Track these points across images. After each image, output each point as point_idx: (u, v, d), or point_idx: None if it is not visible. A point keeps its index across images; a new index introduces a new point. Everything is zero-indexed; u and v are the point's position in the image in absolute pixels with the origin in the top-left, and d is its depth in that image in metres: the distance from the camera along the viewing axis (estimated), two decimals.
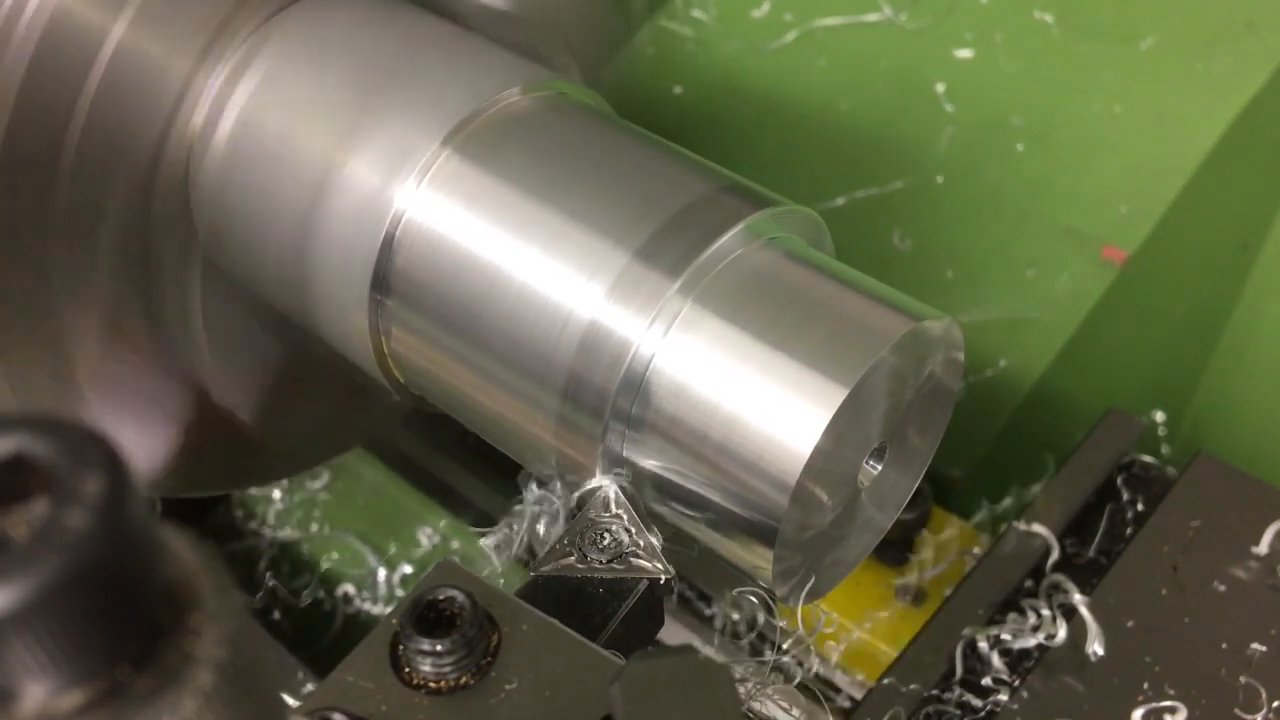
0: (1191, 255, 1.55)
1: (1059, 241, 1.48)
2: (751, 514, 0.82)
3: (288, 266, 0.99)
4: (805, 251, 0.89)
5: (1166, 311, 1.55)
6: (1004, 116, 1.56)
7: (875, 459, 0.88)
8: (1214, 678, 0.93)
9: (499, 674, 0.74)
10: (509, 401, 0.91)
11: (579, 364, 0.86)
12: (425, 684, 0.74)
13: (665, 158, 0.95)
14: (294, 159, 0.96)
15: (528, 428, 0.91)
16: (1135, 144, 1.51)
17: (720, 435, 0.82)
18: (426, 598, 0.75)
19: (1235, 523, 1.01)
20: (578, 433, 0.87)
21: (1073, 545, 1.04)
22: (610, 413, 0.85)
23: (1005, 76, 1.58)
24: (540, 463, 0.93)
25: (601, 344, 0.85)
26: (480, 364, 0.91)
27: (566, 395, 0.87)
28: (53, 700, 0.42)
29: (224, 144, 0.98)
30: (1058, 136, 1.54)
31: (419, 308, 0.93)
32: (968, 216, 1.51)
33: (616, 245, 0.86)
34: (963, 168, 1.55)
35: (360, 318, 0.96)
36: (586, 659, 0.76)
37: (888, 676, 0.91)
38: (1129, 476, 1.08)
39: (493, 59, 1.00)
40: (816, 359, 0.80)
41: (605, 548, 0.84)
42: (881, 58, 1.63)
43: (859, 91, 1.62)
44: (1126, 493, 1.07)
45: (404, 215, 0.92)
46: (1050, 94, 1.56)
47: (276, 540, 1.42)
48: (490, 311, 0.89)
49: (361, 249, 0.93)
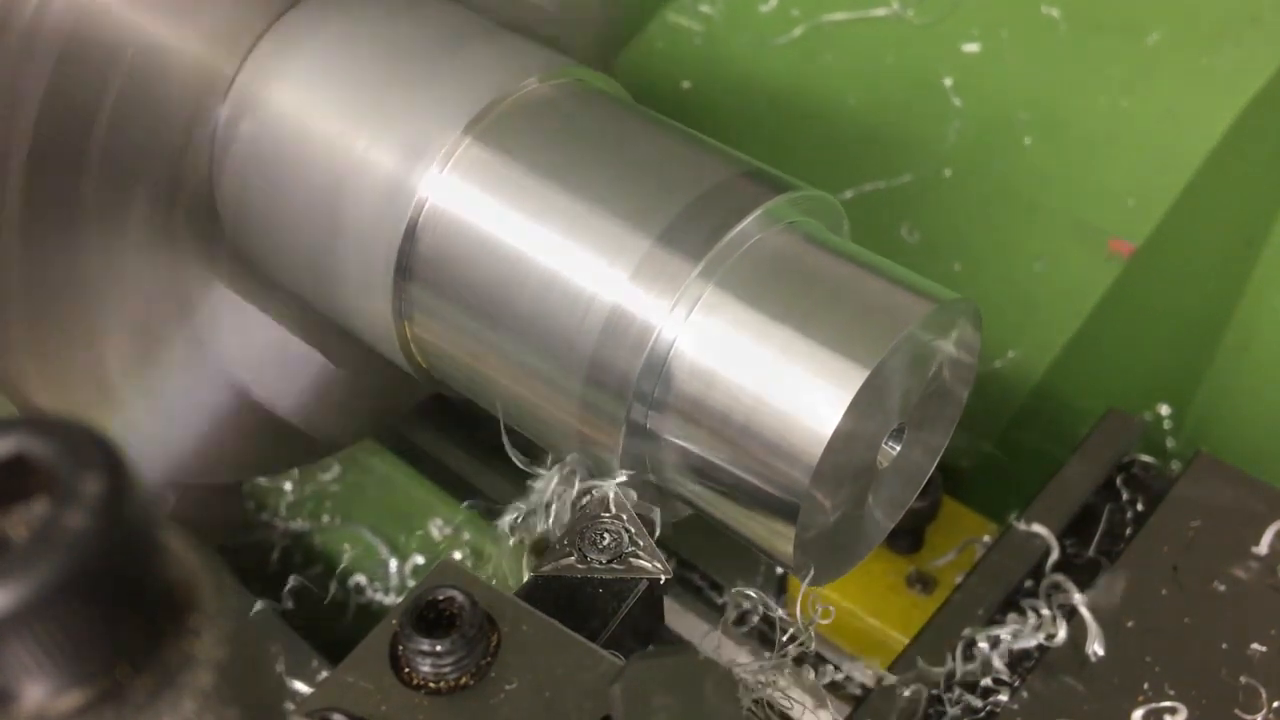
0: (1197, 249, 1.54)
1: (1066, 234, 1.47)
2: (773, 493, 0.83)
3: (312, 255, 0.99)
4: (824, 235, 0.90)
5: (1172, 305, 1.54)
6: (1011, 110, 1.55)
7: (894, 439, 0.88)
8: (1214, 678, 0.92)
9: (499, 674, 0.74)
10: (532, 385, 0.91)
11: (602, 348, 0.86)
12: (425, 684, 0.74)
13: (684, 144, 0.95)
14: (318, 148, 0.96)
15: (550, 411, 0.92)
16: (1142, 138, 1.50)
17: (742, 416, 0.82)
18: (426, 598, 0.75)
19: (1235, 523, 1.00)
20: (600, 415, 0.88)
21: (1073, 545, 1.03)
22: (633, 395, 0.85)
23: (1012, 71, 1.57)
24: (563, 446, 0.93)
25: (624, 328, 0.86)
26: (503, 348, 0.92)
27: (589, 379, 0.87)
28: (52, 700, 0.41)
29: (249, 135, 0.99)
30: (1065, 130, 1.53)
31: (442, 293, 0.94)
32: (975, 210, 1.50)
33: (638, 230, 0.87)
34: (970, 161, 1.54)
35: (383, 303, 0.96)
36: (586, 659, 0.75)
37: (887, 677, 0.91)
38: (1129, 476, 1.08)
39: (514, 47, 1.01)
40: (837, 341, 0.81)
41: (605, 548, 0.84)
42: (888, 52, 1.62)
43: (866, 86, 1.61)
44: (1126, 493, 1.07)
45: (427, 202, 0.93)
46: (1057, 88, 1.55)
47: (289, 531, 1.42)
48: (513, 296, 0.90)
49: (385, 235, 0.94)
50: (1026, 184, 1.52)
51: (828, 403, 0.80)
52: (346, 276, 0.98)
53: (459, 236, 0.92)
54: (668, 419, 0.86)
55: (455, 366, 0.98)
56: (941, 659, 0.94)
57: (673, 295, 0.85)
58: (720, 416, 0.83)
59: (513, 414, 0.97)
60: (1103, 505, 1.05)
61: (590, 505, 0.86)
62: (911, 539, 1.22)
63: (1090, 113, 1.53)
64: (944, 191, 1.52)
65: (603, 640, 0.81)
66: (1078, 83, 1.55)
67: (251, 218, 1.01)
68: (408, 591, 1.02)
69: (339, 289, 1.00)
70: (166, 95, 0.96)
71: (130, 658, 0.43)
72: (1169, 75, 1.52)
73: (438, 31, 1.01)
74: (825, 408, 0.80)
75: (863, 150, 1.56)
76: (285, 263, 1.02)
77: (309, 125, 0.97)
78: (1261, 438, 1.46)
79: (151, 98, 0.95)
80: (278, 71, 0.99)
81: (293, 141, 0.98)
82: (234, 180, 1.00)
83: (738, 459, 0.84)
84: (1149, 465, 1.08)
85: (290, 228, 0.99)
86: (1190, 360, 1.54)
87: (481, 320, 0.92)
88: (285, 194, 0.98)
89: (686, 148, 0.95)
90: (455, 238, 0.93)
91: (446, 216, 0.93)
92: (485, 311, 0.92)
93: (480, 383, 0.97)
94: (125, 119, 0.95)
